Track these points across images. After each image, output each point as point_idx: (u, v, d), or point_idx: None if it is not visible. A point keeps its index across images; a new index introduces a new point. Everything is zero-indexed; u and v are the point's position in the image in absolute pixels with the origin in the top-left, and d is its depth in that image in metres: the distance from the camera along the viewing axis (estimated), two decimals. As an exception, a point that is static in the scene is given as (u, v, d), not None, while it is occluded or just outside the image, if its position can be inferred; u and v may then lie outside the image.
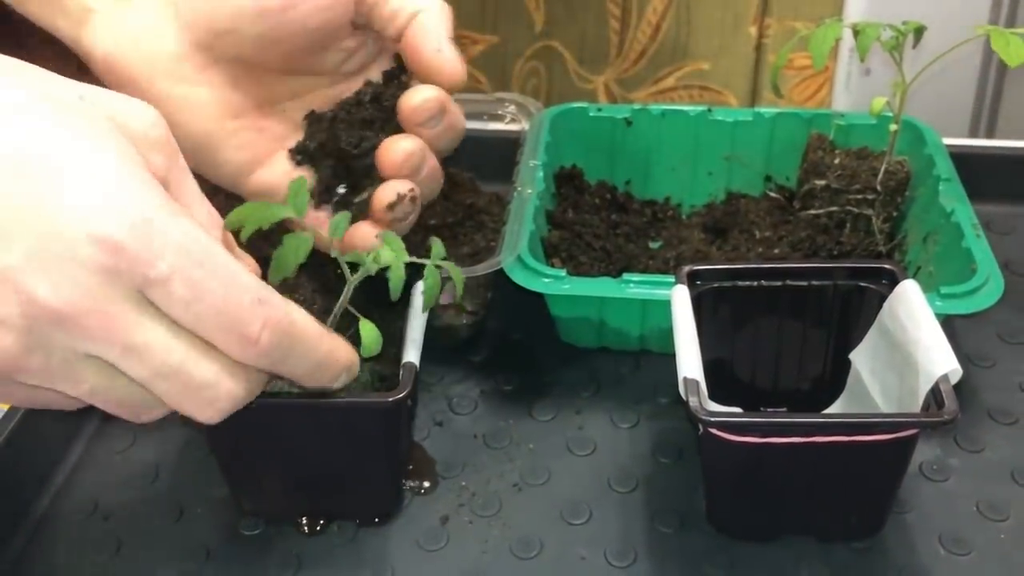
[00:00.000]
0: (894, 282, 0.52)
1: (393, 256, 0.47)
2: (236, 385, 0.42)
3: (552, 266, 0.61)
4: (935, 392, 0.46)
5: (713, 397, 0.50)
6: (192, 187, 0.44)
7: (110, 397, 0.41)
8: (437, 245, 0.49)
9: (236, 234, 0.47)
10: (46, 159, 0.38)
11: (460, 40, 0.57)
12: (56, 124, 0.38)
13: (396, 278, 0.47)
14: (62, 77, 0.42)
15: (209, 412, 0.42)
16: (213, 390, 0.41)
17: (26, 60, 0.42)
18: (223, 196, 0.51)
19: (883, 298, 0.52)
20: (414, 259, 0.48)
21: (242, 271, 0.41)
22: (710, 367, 0.50)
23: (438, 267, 0.49)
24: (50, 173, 0.38)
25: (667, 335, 0.51)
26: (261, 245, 0.49)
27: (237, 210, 0.47)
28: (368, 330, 0.47)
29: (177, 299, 0.39)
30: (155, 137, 0.42)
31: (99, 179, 0.38)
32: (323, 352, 0.44)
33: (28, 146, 0.38)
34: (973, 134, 1.00)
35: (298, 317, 0.43)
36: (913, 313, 0.49)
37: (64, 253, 0.37)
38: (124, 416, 0.42)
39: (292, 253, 0.47)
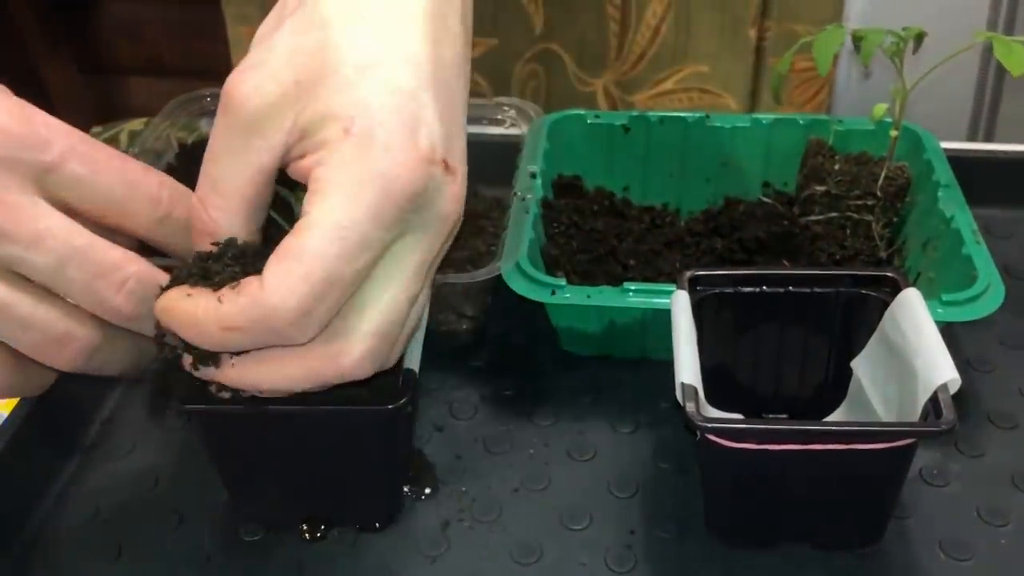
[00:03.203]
0: (896, 290, 0.52)
1: None
2: (144, 265, 0.42)
3: (552, 274, 0.61)
4: (934, 401, 0.46)
5: (714, 403, 0.50)
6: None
7: (19, 311, 0.40)
8: None
9: None
10: None
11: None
12: None
13: None
14: None
15: (122, 297, 0.41)
16: (124, 271, 0.41)
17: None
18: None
19: (885, 306, 0.52)
20: None
21: (120, 153, 0.42)
22: (711, 373, 0.50)
23: None
24: None
25: (668, 341, 0.51)
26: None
27: None
28: None
29: (78, 178, 0.40)
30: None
31: None
32: (204, 226, 0.43)
33: None
34: (972, 138, 1.00)
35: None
36: (914, 321, 0.49)
37: None
38: (36, 348, 0.42)
39: None
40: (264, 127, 0.42)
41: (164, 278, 0.43)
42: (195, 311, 0.40)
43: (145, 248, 0.45)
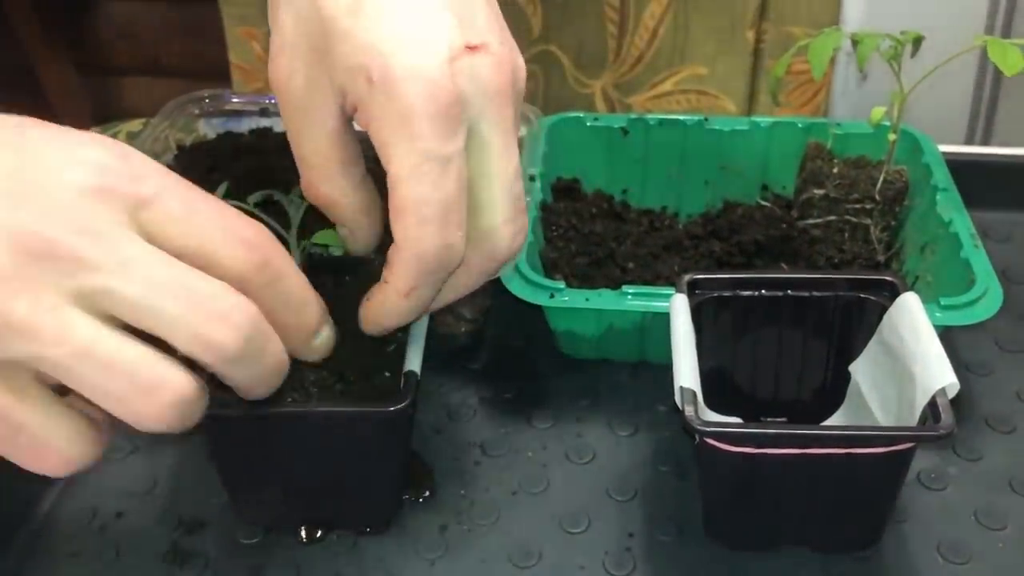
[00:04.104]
0: (895, 294, 0.52)
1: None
2: (244, 299, 0.39)
3: (550, 277, 0.61)
4: (932, 406, 0.46)
5: (713, 407, 0.50)
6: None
7: (103, 354, 0.37)
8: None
9: None
10: (18, 126, 0.39)
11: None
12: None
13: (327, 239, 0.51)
14: None
15: (224, 328, 0.38)
16: (223, 301, 0.39)
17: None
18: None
19: (884, 310, 0.52)
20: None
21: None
22: (710, 377, 0.50)
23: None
24: (15, 136, 0.38)
25: (666, 345, 0.51)
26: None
27: None
28: (324, 235, 0.50)
29: (172, 214, 0.38)
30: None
31: (67, 133, 0.39)
32: (301, 285, 0.43)
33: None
34: (969, 141, 1.01)
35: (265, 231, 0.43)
36: (913, 326, 0.49)
37: (49, 182, 0.37)
38: (120, 402, 0.38)
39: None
40: (313, 100, 0.45)
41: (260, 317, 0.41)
42: (383, 299, 0.46)
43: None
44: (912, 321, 0.50)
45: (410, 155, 0.43)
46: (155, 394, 0.38)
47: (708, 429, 0.46)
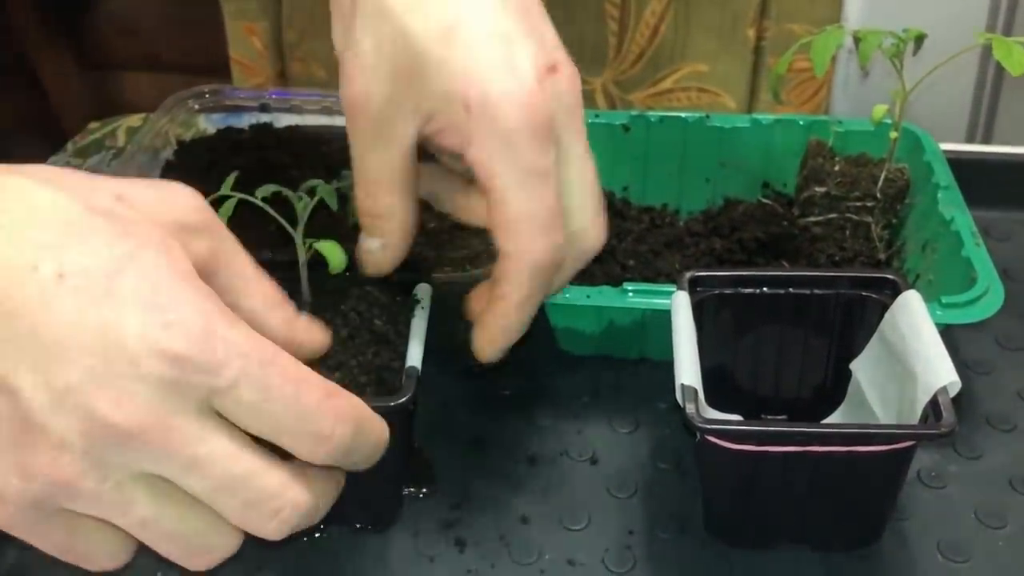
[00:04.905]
0: (896, 292, 0.52)
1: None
2: (302, 494, 0.41)
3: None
4: (934, 404, 0.46)
5: (714, 404, 0.50)
6: (243, 266, 0.44)
7: (164, 526, 0.40)
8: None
9: None
10: (101, 278, 0.37)
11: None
12: (107, 243, 0.38)
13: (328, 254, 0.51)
14: (97, 176, 0.41)
15: (274, 525, 0.41)
16: (279, 500, 0.40)
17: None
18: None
19: (885, 308, 0.52)
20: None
21: (304, 368, 0.40)
22: (711, 374, 0.50)
23: None
24: (107, 291, 0.37)
25: (667, 342, 0.51)
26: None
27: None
28: (328, 248, 0.50)
29: (246, 404, 0.39)
30: (196, 221, 0.42)
31: (156, 294, 0.38)
32: (378, 432, 0.44)
33: (82, 266, 0.37)
34: (970, 140, 1.00)
35: (360, 405, 0.42)
36: (914, 324, 0.49)
37: (126, 369, 0.37)
38: (178, 557, 0.41)
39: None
40: (391, 123, 0.48)
41: (318, 507, 0.42)
42: (502, 316, 0.50)
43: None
44: (913, 319, 0.50)
45: (515, 171, 0.46)
46: (204, 556, 0.41)
47: (710, 427, 0.46)
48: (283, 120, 0.74)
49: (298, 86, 0.97)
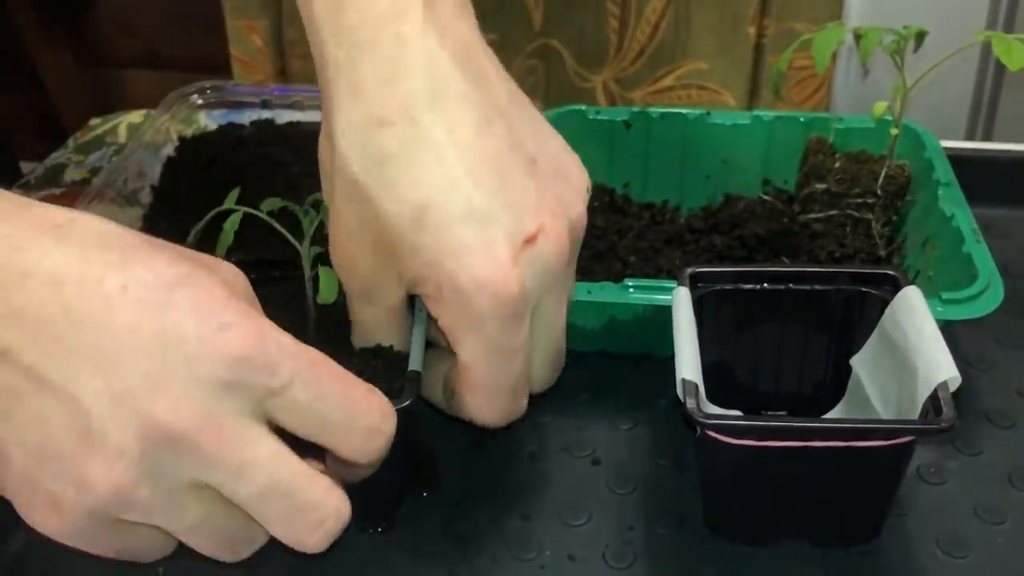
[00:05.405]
0: (896, 288, 0.52)
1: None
2: (344, 503, 0.42)
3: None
4: (934, 399, 0.46)
5: (714, 400, 0.50)
6: None
7: (211, 528, 0.41)
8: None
9: None
10: (160, 289, 0.38)
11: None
12: (168, 262, 0.39)
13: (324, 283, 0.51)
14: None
15: (317, 536, 0.41)
16: (322, 510, 0.41)
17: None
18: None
19: (885, 304, 0.52)
20: None
21: (344, 369, 0.42)
22: (711, 369, 0.50)
23: None
24: (166, 301, 0.38)
25: (667, 338, 0.51)
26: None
27: None
28: (326, 275, 0.50)
29: (299, 403, 0.39)
30: (241, 287, 0.43)
31: (212, 304, 0.39)
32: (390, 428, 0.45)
33: (143, 280, 0.38)
34: (970, 137, 1.01)
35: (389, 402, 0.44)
36: (915, 319, 0.50)
37: (183, 371, 0.38)
38: (220, 555, 0.42)
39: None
40: (379, 285, 0.48)
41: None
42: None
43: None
44: (914, 315, 0.50)
45: (480, 347, 0.46)
46: (238, 550, 0.43)
47: (711, 422, 0.46)
48: (284, 116, 0.74)
49: (298, 83, 0.97)
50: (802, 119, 0.70)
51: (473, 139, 0.46)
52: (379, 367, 0.51)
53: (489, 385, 0.48)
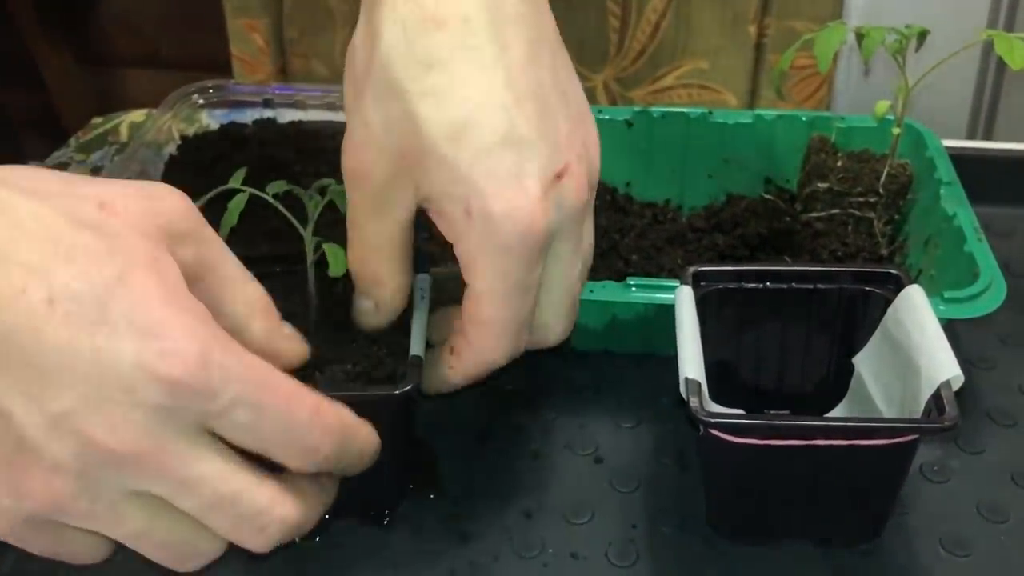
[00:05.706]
0: (899, 287, 0.52)
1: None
2: (290, 508, 0.42)
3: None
4: (936, 398, 0.46)
5: (717, 399, 0.50)
6: (231, 268, 0.44)
7: (154, 538, 0.40)
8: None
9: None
10: (92, 303, 0.37)
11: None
12: (96, 264, 0.37)
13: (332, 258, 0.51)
14: (79, 178, 0.40)
15: (261, 539, 0.41)
16: (266, 516, 0.41)
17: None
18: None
19: (888, 302, 0.52)
20: None
21: (293, 382, 0.41)
22: (714, 368, 0.50)
23: None
24: (99, 317, 0.37)
25: (669, 337, 0.51)
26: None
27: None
28: (332, 251, 0.50)
29: (240, 425, 0.39)
30: (183, 227, 0.41)
31: (150, 319, 0.37)
32: (363, 440, 0.45)
33: (72, 291, 0.36)
34: (971, 136, 1.01)
35: (346, 415, 0.43)
36: (917, 318, 0.50)
37: (121, 396, 0.37)
38: (167, 562, 0.42)
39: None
40: (391, 196, 0.47)
41: (307, 519, 0.43)
42: (445, 379, 0.50)
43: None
44: (916, 314, 0.50)
45: (498, 282, 0.46)
46: (189, 560, 0.42)
47: (714, 420, 0.46)
48: (286, 116, 0.74)
49: (299, 82, 0.97)
50: (804, 118, 0.70)
51: (523, 62, 0.45)
52: (380, 354, 0.50)
53: (499, 320, 0.47)
